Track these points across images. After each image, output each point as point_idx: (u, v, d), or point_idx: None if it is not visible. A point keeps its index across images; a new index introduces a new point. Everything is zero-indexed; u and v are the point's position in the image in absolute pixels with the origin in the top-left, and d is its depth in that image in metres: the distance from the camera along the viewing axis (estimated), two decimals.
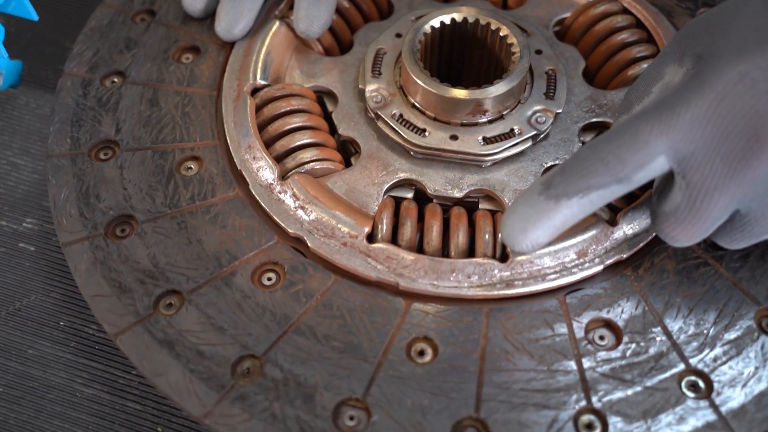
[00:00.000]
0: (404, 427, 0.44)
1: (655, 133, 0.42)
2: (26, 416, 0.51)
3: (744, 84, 0.41)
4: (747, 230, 0.44)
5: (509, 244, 0.44)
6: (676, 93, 0.43)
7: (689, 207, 0.43)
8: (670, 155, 0.43)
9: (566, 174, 0.43)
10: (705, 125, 0.42)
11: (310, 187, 0.52)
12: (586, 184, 0.43)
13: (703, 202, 0.42)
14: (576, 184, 0.43)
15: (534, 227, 0.43)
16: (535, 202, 0.43)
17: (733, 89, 0.41)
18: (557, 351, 0.47)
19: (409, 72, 0.54)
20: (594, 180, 0.43)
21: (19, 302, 0.56)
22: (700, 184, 0.42)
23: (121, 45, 0.61)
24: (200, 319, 0.48)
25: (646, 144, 0.42)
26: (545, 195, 0.43)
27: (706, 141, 0.42)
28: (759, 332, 0.47)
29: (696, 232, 0.44)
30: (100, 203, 0.53)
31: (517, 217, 0.44)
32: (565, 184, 0.43)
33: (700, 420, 0.45)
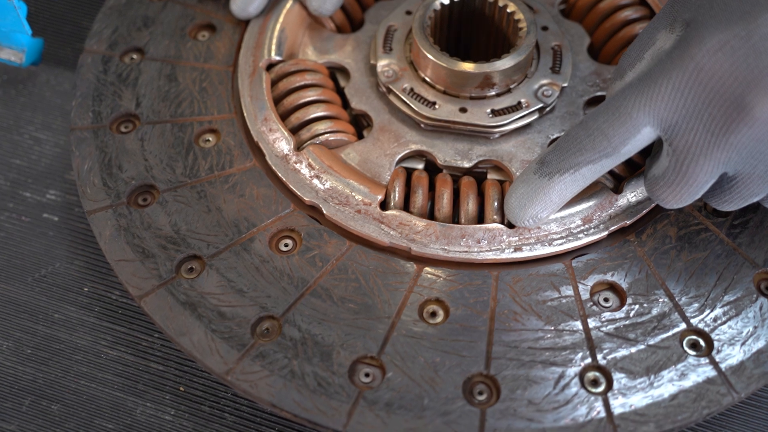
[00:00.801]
0: (417, 383, 0.47)
1: (638, 106, 0.44)
2: (54, 376, 0.53)
3: (723, 52, 0.42)
4: (735, 192, 0.46)
5: (512, 220, 0.49)
6: (659, 64, 0.45)
7: (676, 172, 0.45)
8: (655, 125, 0.44)
9: (558, 152, 0.46)
10: (686, 95, 0.43)
11: (324, 158, 0.54)
12: (575, 160, 0.46)
13: (689, 168, 0.44)
14: (567, 161, 0.46)
15: (532, 204, 0.47)
16: (531, 181, 0.47)
17: (713, 58, 0.43)
18: (564, 312, 0.49)
19: (420, 47, 0.56)
20: (583, 156, 0.46)
21: (45, 269, 0.58)
22: (685, 151, 0.44)
23: (139, 23, 0.63)
24: (221, 282, 0.50)
25: (630, 118, 0.44)
26: (539, 173, 0.47)
27: (688, 110, 0.43)
28: (757, 294, 0.49)
29: (684, 195, 0.46)
30: (122, 173, 0.55)
31: (517, 195, 0.48)
32: (557, 161, 0.46)
33: (700, 376, 0.47)
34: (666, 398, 0.46)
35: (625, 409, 0.45)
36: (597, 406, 0.46)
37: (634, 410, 0.45)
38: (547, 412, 0.45)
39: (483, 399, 0.46)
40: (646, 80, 0.45)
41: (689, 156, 0.44)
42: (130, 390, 0.53)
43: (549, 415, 0.45)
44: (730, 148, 0.43)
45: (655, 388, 0.46)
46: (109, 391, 0.53)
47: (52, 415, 0.52)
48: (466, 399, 0.46)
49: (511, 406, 0.46)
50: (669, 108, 0.44)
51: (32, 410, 0.52)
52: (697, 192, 0.46)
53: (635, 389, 0.46)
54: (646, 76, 0.45)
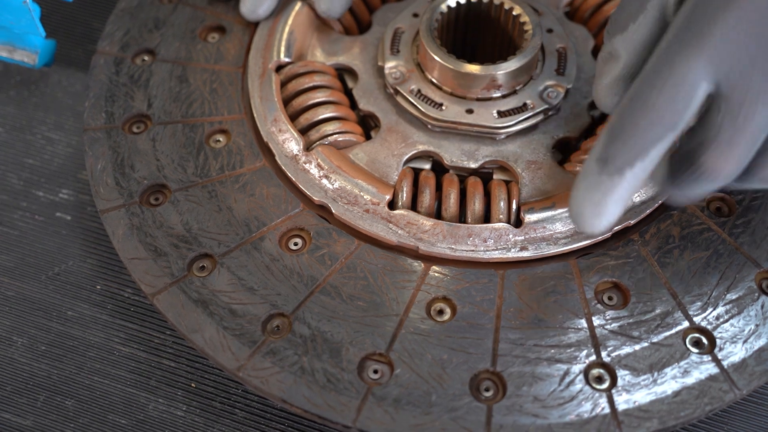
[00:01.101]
0: (425, 379, 0.47)
1: (692, 65, 0.39)
2: (68, 372, 0.54)
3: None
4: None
5: (586, 231, 0.43)
6: (695, 10, 0.40)
7: (731, 125, 0.39)
8: (710, 79, 0.40)
9: (619, 142, 0.41)
10: (745, 41, 0.39)
11: (333, 158, 0.55)
12: (643, 145, 0.40)
13: (747, 116, 0.39)
14: (633, 149, 0.40)
15: (607, 208, 0.42)
16: (599, 183, 0.41)
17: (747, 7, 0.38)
18: (568, 310, 0.50)
19: (427, 49, 0.57)
20: (648, 137, 0.40)
21: (58, 267, 0.59)
22: (741, 99, 0.39)
23: (151, 25, 0.64)
24: (231, 280, 0.51)
25: (685, 80, 0.40)
26: (606, 172, 0.41)
27: (745, 56, 0.39)
28: (759, 293, 0.50)
29: (740, 154, 0.40)
30: (134, 173, 0.56)
31: (587, 203, 0.42)
32: (623, 153, 0.40)
33: (703, 373, 0.47)
34: (669, 395, 0.47)
35: (629, 406, 0.46)
36: (601, 403, 0.46)
37: (638, 406, 0.46)
38: (553, 408, 0.46)
39: (489, 395, 0.47)
40: (689, 33, 0.40)
41: (745, 103, 0.39)
42: (142, 386, 0.54)
43: (554, 411, 0.46)
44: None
45: (658, 385, 0.47)
46: (121, 387, 0.54)
47: (66, 411, 0.53)
48: (473, 395, 0.47)
49: (517, 402, 0.47)
50: (725, 59, 0.39)
51: (47, 406, 0.53)
52: (752, 149, 0.40)
53: (639, 386, 0.47)
54: (685, 28, 0.40)
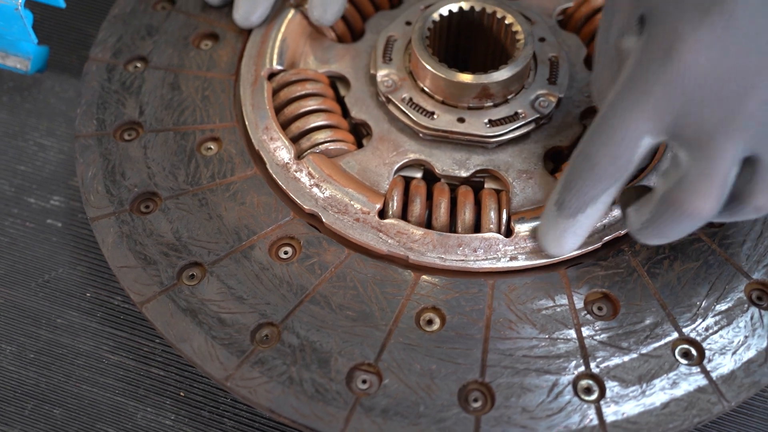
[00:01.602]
0: (413, 390, 0.47)
1: (633, 121, 0.42)
2: (56, 380, 0.54)
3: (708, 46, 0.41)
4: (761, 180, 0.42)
5: (553, 255, 0.50)
6: (637, 65, 0.43)
7: (696, 166, 0.42)
8: (656, 131, 0.43)
9: (571, 191, 0.46)
10: (684, 89, 0.41)
11: (324, 167, 0.55)
12: (591, 194, 0.45)
13: (708, 156, 0.42)
14: (583, 198, 0.45)
15: (566, 241, 0.48)
16: (557, 223, 0.47)
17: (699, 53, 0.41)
18: (558, 320, 0.50)
19: (419, 58, 0.57)
20: (596, 188, 0.45)
21: (48, 274, 0.59)
22: (698, 141, 0.42)
23: (143, 32, 0.64)
24: (221, 289, 0.51)
25: (625, 135, 0.43)
26: (562, 216, 0.47)
27: (689, 102, 0.41)
28: (749, 304, 0.50)
29: (713, 191, 0.42)
30: (125, 181, 0.56)
31: (549, 238, 0.48)
32: (575, 200, 0.46)
33: (692, 385, 0.47)
34: (658, 406, 0.47)
35: (618, 417, 0.46)
36: (590, 414, 0.46)
37: (626, 418, 0.46)
38: (541, 420, 0.46)
39: (478, 406, 0.47)
40: (629, 92, 0.43)
41: (703, 144, 0.42)
42: (131, 395, 0.53)
43: (542, 423, 0.46)
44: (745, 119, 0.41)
45: (647, 397, 0.47)
46: (110, 395, 0.53)
47: (54, 420, 0.53)
48: (461, 406, 0.47)
49: (505, 414, 0.46)
50: (671, 110, 0.42)
51: (34, 414, 0.53)
52: (726, 182, 0.42)
53: (627, 397, 0.47)
54: (628, 88, 0.43)
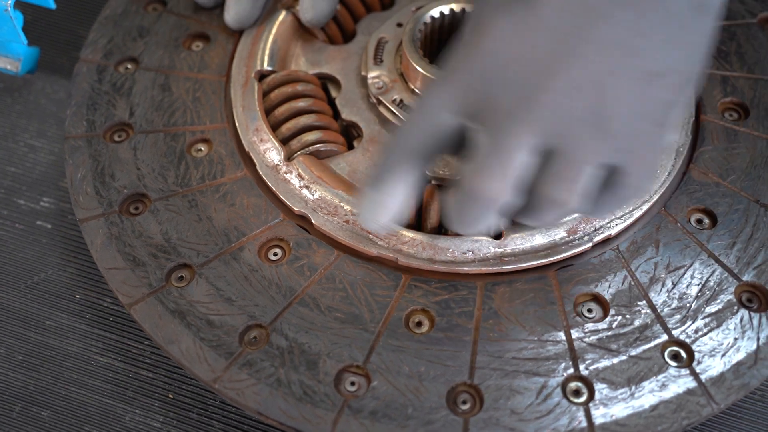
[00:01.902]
0: (402, 392, 0.47)
1: (434, 96, 0.43)
2: (45, 383, 0.54)
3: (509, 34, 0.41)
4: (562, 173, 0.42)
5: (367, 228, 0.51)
6: (451, 51, 0.44)
7: (490, 145, 0.42)
8: (454, 109, 0.43)
9: (378, 166, 0.46)
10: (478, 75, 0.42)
11: (314, 168, 0.55)
12: (390, 169, 0.45)
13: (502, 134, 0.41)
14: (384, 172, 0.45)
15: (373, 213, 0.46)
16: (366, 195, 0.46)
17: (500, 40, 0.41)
18: (547, 322, 0.50)
19: (410, 59, 0.57)
20: (398, 159, 0.44)
21: (37, 276, 0.58)
22: (495, 122, 0.42)
23: (135, 33, 0.64)
24: (210, 291, 0.51)
25: (427, 110, 0.44)
26: (371, 186, 0.46)
27: (485, 89, 0.42)
28: (738, 306, 0.50)
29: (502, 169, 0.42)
30: (114, 182, 0.56)
31: (361, 210, 0.47)
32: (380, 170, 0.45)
33: (681, 387, 0.47)
34: (647, 409, 0.46)
35: (606, 420, 0.46)
36: (578, 416, 0.46)
37: (615, 420, 0.46)
38: (530, 422, 0.46)
39: (466, 408, 0.47)
40: (439, 72, 0.44)
41: (502, 124, 0.41)
42: (119, 397, 0.53)
43: (531, 425, 0.46)
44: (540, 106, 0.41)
45: (636, 399, 0.47)
46: (98, 397, 0.53)
47: (42, 422, 0.52)
48: (450, 408, 0.47)
49: (493, 416, 0.46)
50: (465, 92, 0.42)
51: (22, 416, 0.53)
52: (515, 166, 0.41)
53: (616, 400, 0.47)
54: (440, 69, 0.45)
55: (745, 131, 0.57)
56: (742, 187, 0.55)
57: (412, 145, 0.44)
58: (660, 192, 0.54)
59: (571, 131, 0.41)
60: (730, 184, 0.55)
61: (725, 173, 0.55)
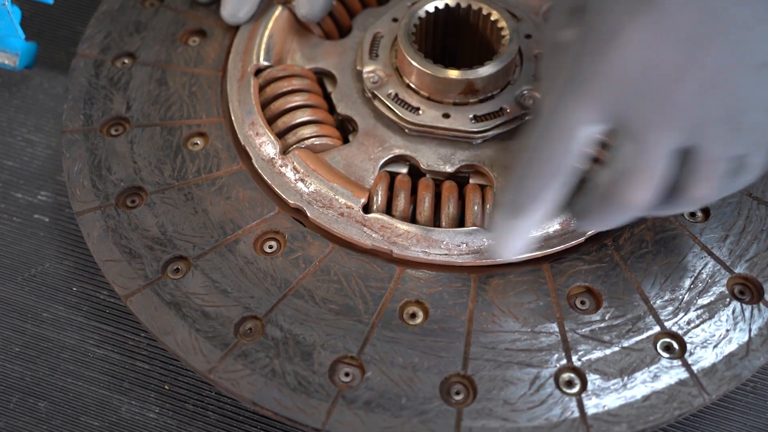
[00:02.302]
0: (396, 383, 0.47)
1: (569, 111, 0.43)
2: (42, 374, 0.54)
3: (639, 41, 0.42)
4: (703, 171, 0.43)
5: (501, 257, 0.50)
6: (575, 61, 0.44)
7: (634, 156, 0.43)
8: (598, 118, 0.43)
9: (516, 192, 0.45)
10: (626, 75, 0.42)
11: (309, 161, 0.55)
12: (536, 192, 0.45)
13: (646, 145, 0.43)
14: (529, 196, 0.45)
15: (515, 242, 0.47)
16: (505, 225, 0.46)
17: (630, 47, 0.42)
18: (541, 314, 0.50)
19: (405, 54, 0.57)
20: (540, 185, 0.44)
21: (35, 269, 0.59)
22: (637, 129, 0.43)
23: (132, 28, 0.64)
24: (205, 282, 0.51)
25: (563, 125, 0.43)
26: (511, 217, 0.46)
27: (630, 89, 0.42)
28: (731, 298, 0.50)
29: (650, 181, 0.43)
30: (111, 175, 0.56)
31: (497, 239, 0.47)
32: (520, 201, 0.45)
33: (673, 378, 0.47)
34: (638, 399, 0.47)
35: (599, 410, 0.46)
36: (571, 407, 0.47)
37: (607, 411, 0.46)
38: (522, 412, 0.46)
39: (460, 399, 0.47)
40: (565, 85, 0.44)
41: (642, 132, 0.43)
42: (115, 388, 0.54)
43: (524, 415, 0.46)
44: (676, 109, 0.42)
45: (628, 390, 0.47)
46: (95, 389, 0.54)
47: (39, 413, 0.53)
48: (443, 399, 0.47)
49: (486, 406, 0.47)
50: (613, 97, 0.43)
51: (19, 407, 0.53)
52: (660, 173, 0.43)
53: (609, 390, 0.47)
54: (564, 82, 0.44)
55: None
56: None
57: (555, 166, 0.44)
58: None
59: (707, 130, 0.43)
60: None
61: None
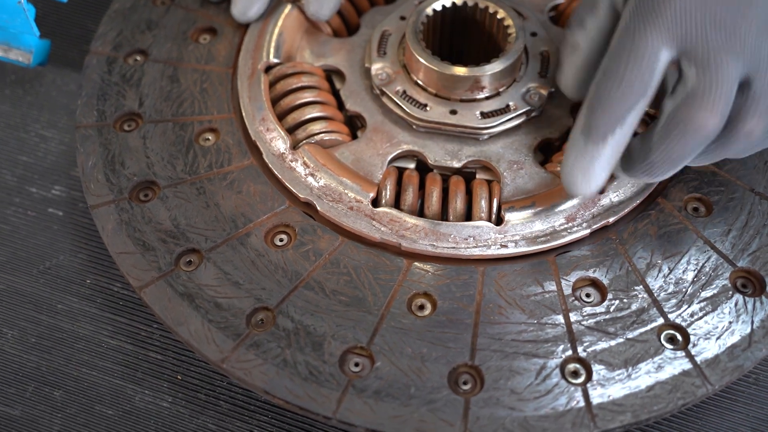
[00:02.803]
0: (405, 372, 0.48)
1: (651, 34, 0.45)
2: (57, 364, 0.55)
3: None
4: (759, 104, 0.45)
5: (576, 194, 0.49)
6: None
7: (703, 80, 0.44)
8: (672, 44, 0.45)
9: (598, 113, 0.46)
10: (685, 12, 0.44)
11: (319, 156, 0.56)
12: (619, 113, 0.46)
13: (716, 69, 0.44)
14: (612, 118, 0.46)
15: (595, 173, 0.47)
16: (585, 151, 0.47)
17: None
18: (546, 306, 0.51)
19: (413, 51, 0.58)
20: (623, 106, 0.45)
21: (49, 262, 0.60)
22: (707, 55, 0.44)
23: (143, 26, 0.65)
24: (218, 274, 0.52)
25: (646, 49, 0.45)
26: (591, 141, 0.46)
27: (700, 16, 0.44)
28: (733, 291, 0.51)
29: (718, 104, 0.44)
30: (124, 170, 0.57)
31: (577, 171, 0.48)
32: (603, 122, 0.46)
33: (676, 368, 0.48)
34: (643, 389, 0.48)
35: (604, 399, 0.47)
36: (576, 396, 0.48)
37: (612, 400, 0.47)
38: (529, 402, 0.47)
39: (467, 388, 0.48)
40: (643, 13, 0.45)
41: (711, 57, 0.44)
42: (129, 378, 0.55)
43: (530, 404, 0.47)
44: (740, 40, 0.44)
45: (632, 380, 0.48)
46: (109, 378, 0.55)
47: (54, 401, 0.54)
48: (451, 388, 0.48)
49: (494, 396, 0.48)
50: (684, 24, 0.45)
51: (35, 396, 0.54)
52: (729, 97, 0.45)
53: (613, 380, 0.48)
54: (642, 9, 0.45)
55: None
56: (738, 176, 0.56)
57: (638, 87, 0.45)
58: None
59: (764, 66, 0.44)
60: (726, 173, 0.56)
61: (722, 162, 0.56)
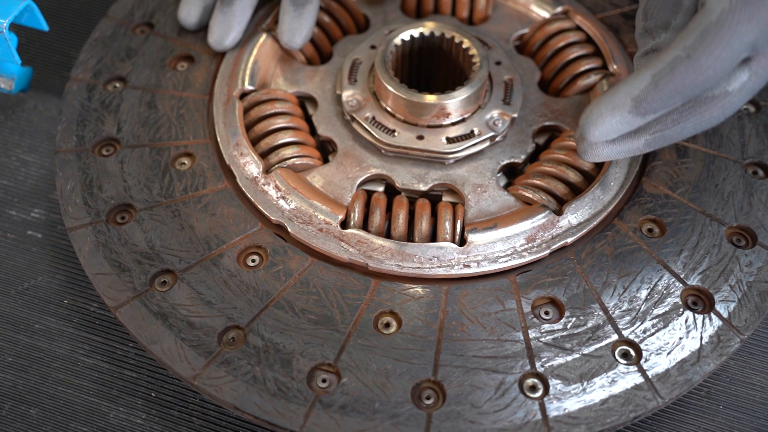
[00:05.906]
0: (370, 388, 0.50)
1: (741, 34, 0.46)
2: (33, 382, 0.57)
3: None
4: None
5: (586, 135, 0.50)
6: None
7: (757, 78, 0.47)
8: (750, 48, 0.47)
9: (660, 92, 0.47)
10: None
11: (290, 180, 0.59)
12: (677, 100, 0.47)
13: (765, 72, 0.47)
14: (669, 102, 0.47)
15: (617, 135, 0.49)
16: (624, 117, 0.48)
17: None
18: (507, 323, 0.53)
19: (381, 79, 0.61)
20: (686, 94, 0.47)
21: (27, 282, 0.62)
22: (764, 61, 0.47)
23: (123, 54, 0.67)
24: (191, 294, 0.54)
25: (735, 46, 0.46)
26: (636, 112, 0.48)
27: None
28: (684, 308, 0.54)
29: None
30: (102, 193, 0.59)
31: (604, 123, 0.49)
32: (660, 103, 0.47)
33: (629, 383, 0.51)
34: (597, 403, 0.50)
35: (560, 413, 0.50)
36: (534, 410, 0.50)
37: (568, 413, 0.49)
38: (488, 415, 0.49)
39: (430, 403, 0.50)
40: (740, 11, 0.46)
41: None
42: (104, 395, 0.56)
43: (490, 418, 0.49)
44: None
45: (587, 394, 0.50)
46: (84, 396, 0.56)
47: (30, 419, 0.55)
48: (414, 403, 0.50)
49: (455, 410, 0.50)
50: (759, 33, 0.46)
51: (11, 414, 0.55)
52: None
53: (569, 394, 0.50)
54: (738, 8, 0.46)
55: (695, 147, 0.61)
56: (690, 199, 0.59)
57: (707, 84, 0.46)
58: (614, 203, 0.58)
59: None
60: (679, 196, 0.59)
61: (675, 186, 0.59)
